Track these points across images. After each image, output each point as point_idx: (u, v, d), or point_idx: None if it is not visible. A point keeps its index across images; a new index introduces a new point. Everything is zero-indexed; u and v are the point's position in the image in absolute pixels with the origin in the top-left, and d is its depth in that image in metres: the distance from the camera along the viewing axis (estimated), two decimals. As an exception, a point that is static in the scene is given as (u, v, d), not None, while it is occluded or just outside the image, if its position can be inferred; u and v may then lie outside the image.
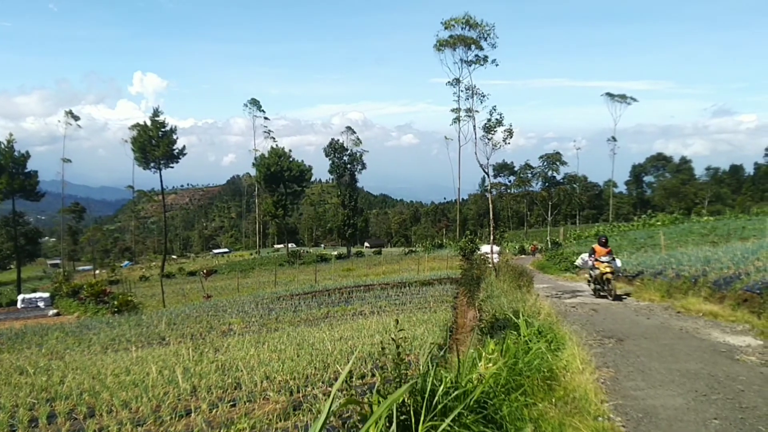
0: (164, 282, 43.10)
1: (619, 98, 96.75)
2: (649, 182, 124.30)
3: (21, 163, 56.39)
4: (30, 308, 36.05)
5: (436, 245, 78.74)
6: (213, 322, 17.13)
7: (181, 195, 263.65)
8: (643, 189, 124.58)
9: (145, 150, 67.87)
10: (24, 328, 20.20)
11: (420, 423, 3.99)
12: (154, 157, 67.96)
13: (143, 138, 68.07)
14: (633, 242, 39.12)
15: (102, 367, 10.17)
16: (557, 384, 6.37)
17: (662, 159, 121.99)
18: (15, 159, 55.81)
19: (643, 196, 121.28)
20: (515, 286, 15.21)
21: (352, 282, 31.28)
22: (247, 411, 6.46)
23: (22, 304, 37.21)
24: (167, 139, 68.28)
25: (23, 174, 56.36)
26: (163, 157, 68.31)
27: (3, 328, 21.22)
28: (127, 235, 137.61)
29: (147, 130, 68.29)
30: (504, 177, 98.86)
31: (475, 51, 24.91)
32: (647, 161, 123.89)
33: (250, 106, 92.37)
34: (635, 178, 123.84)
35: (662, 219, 58.90)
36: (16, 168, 55.81)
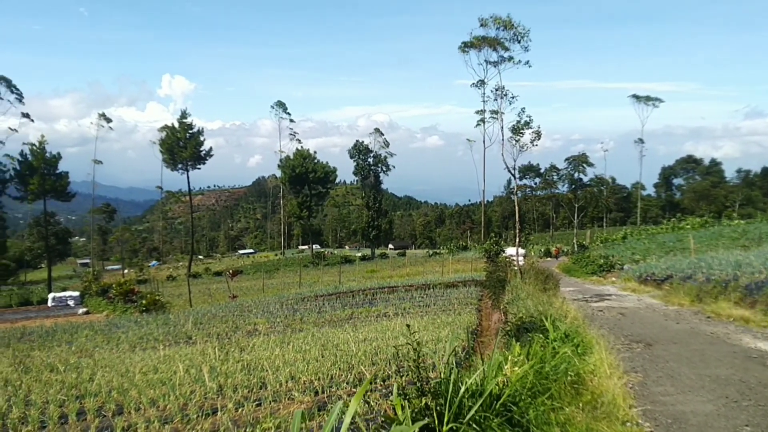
0: (191, 282, 43.60)
1: (645, 100, 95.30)
2: (679, 185, 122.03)
3: (52, 164, 57.49)
4: (60, 307, 36.73)
5: (460, 247, 78.40)
6: (238, 322, 17.28)
7: (208, 196, 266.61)
8: (672, 192, 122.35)
9: (173, 151, 68.79)
10: (54, 326, 20.58)
11: (444, 425, 3.97)
12: (182, 158, 68.83)
13: (171, 140, 69.00)
14: (662, 246, 38.45)
15: (130, 365, 10.32)
16: (584, 388, 6.29)
17: (692, 161, 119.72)
18: (47, 160, 56.93)
19: (672, 199, 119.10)
20: (541, 289, 15.07)
21: (376, 283, 31.29)
22: (272, 410, 6.50)
23: (53, 303, 37.93)
24: (194, 140, 69.10)
25: (54, 175, 57.42)
26: (191, 159, 69.14)
27: (34, 326, 21.65)
28: (155, 235, 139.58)
29: (175, 131, 69.20)
30: (530, 179, 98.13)
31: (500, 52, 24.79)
32: (676, 163, 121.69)
33: (276, 108, 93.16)
34: (664, 180, 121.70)
35: (692, 222, 57.75)
36: (48, 169, 56.92)
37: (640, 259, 31.82)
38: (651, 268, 24.48)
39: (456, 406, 4.08)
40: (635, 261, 31.81)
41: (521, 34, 23.10)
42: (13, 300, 42.99)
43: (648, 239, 48.72)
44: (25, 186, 55.71)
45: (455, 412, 4.04)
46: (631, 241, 50.70)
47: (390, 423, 3.94)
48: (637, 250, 39.12)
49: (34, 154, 56.57)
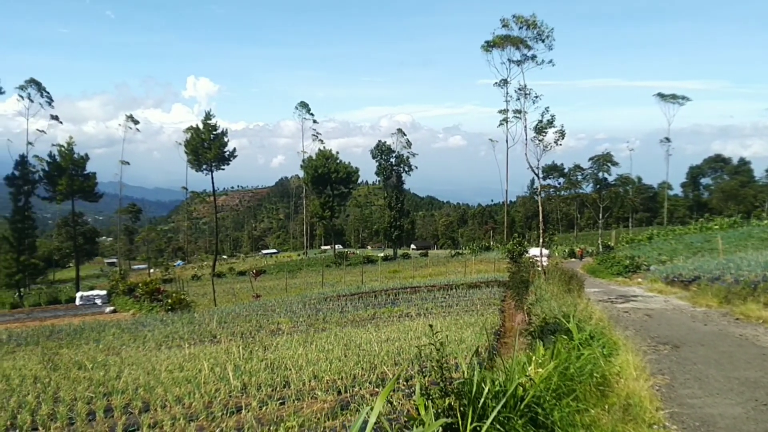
0: (215, 281, 44.05)
1: (671, 98, 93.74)
2: (706, 184, 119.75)
3: (80, 165, 58.52)
4: (88, 305, 37.32)
5: (482, 248, 77.99)
6: (262, 322, 17.41)
7: (232, 196, 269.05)
8: (699, 191, 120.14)
9: (198, 152, 69.56)
10: (82, 325, 20.92)
11: (467, 425, 3.95)
12: (206, 159, 69.58)
13: (196, 141, 69.81)
14: (689, 246, 37.82)
15: (156, 363, 10.46)
16: (610, 390, 6.22)
17: (720, 160, 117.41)
18: (75, 161, 57.96)
19: (700, 199, 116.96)
20: (565, 290, 14.94)
21: (399, 284, 31.29)
22: (296, 409, 6.54)
23: (81, 302, 38.57)
24: (218, 141, 69.80)
25: (82, 176, 58.42)
26: (215, 160, 69.84)
27: (63, 324, 22.05)
28: (180, 235, 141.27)
29: (199, 133, 69.99)
30: (553, 179, 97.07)
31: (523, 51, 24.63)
32: (704, 163, 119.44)
33: (299, 108, 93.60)
34: (692, 180, 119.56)
35: (720, 222, 56.67)
36: (76, 170, 57.94)
37: (666, 260, 31.37)
38: (678, 269, 24.12)
39: (479, 407, 4.06)
40: (662, 262, 31.37)
41: (544, 33, 22.95)
42: (42, 299, 43.84)
43: (675, 240, 47.97)
44: (53, 187, 56.81)
45: (479, 413, 4.02)
46: (658, 242, 49.98)
47: (413, 423, 3.93)
48: (663, 250, 38.56)
49: (62, 155, 57.65)
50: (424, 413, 3.79)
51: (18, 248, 53.97)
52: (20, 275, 54.52)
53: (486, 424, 3.79)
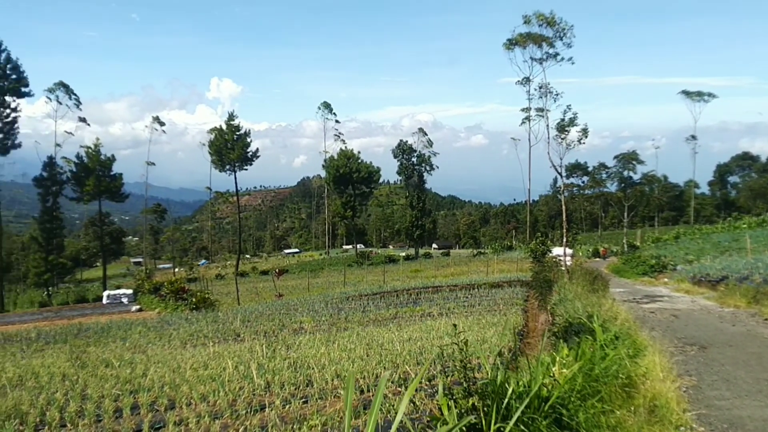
0: (238, 280, 44.46)
1: (696, 96, 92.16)
2: (734, 182, 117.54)
3: (107, 166, 59.49)
4: (114, 304, 37.90)
5: (505, 247, 77.51)
6: (285, 321, 17.51)
7: (254, 196, 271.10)
8: (727, 190, 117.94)
9: (221, 153, 70.13)
10: (109, 323, 21.25)
11: (491, 425, 3.93)
12: (230, 159, 70.09)
13: (219, 141, 70.40)
14: (716, 246, 37.14)
15: (181, 361, 10.58)
16: (636, 392, 6.15)
17: (748, 158, 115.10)
18: (101, 162, 58.93)
19: (728, 197, 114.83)
20: (589, 290, 14.78)
21: (420, 283, 31.25)
22: (318, 408, 6.57)
23: (107, 300, 39.18)
24: (242, 142, 70.31)
25: (109, 176, 59.38)
26: (238, 160, 70.30)
27: (90, 323, 22.42)
28: (204, 234, 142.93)
29: (223, 133, 70.55)
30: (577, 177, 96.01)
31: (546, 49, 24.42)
32: (732, 160, 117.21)
33: (322, 108, 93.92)
34: (719, 178, 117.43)
35: (748, 221, 55.61)
36: (103, 171, 58.90)
37: (693, 260, 30.87)
38: (705, 269, 23.74)
39: (503, 407, 4.04)
40: (689, 261, 30.88)
41: (563, 30, 22.74)
42: (70, 297, 44.65)
43: (702, 239, 47.18)
44: (81, 187, 57.82)
45: (503, 414, 4.00)
46: (684, 241, 49.20)
47: (436, 422, 3.93)
48: (690, 250, 37.95)
49: (89, 156, 58.65)
50: (447, 413, 3.78)
51: (46, 248, 55.06)
52: (49, 274, 55.59)
53: (510, 425, 3.77)
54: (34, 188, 55.88)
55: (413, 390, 2.86)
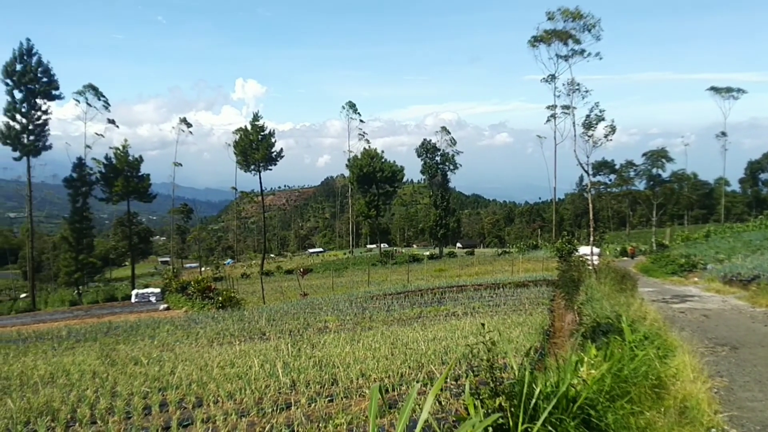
0: (263, 280, 44.80)
1: (726, 92, 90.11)
2: (766, 180, 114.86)
3: (135, 166, 60.40)
4: (143, 302, 38.50)
5: (530, 246, 76.86)
6: (309, 320, 17.58)
7: (279, 196, 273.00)
8: (758, 187, 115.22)
9: (246, 153, 70.96)
10: (138, 321, 21.58)
11: (518, 426, 3.89)
12: (254, 159, 70.88)
13: (244, 142, 71.23)
14: (748, 244, 36.32)
15: (208, 359, 10.69)
16: (666, 393, 6.04)
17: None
18: (130, 163, 59.86)
19: (759, 195, 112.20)
20: (617, 290, 14.58)
21: (445, 282, 31.15)
22: (344, 407, 6.57)
23: (136, 299, 39.83)
24: (266, 142, 71.03)
25: (137, 177, 60.28)
26: (263, 160, 71.09)
27: (119, 321, 22.81)
28: (230, 234, 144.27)
29: (248, 134, 71.37)
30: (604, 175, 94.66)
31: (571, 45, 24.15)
32: (763, 157, 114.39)
33: (346, 108, 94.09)
34: (750, 175, 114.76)
35: (781, 219, 54.29)
36: (131, 171, 59.81)
37: (724, 259, 30.27)
38: (736, 268, 23.26)
39: (531, 408, 4.00)
40: (719, 260, 30.29)
41: (591, 23, 22.46)
42: (100, 296, 45.50)
43: (733, 237, 46.18)
44: (110, 188, 58.81)
45: (530, 414, 3.96)
46: (715, 240, 48.22)
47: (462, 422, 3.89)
48: (721, 249, 37.17)
49: (118, 157, 59.61)
50: (474, 413, 3.75)
51: (77, 248, 56.09)
52: (79, 273, 56.63)
53: (537, 425, 3.73)
54: (64, 189, 56.94)
55: (438, 389, 2.84)
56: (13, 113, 50.04)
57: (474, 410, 3.87)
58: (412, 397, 2.82)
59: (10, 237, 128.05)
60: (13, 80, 49.90)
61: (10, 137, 50.10)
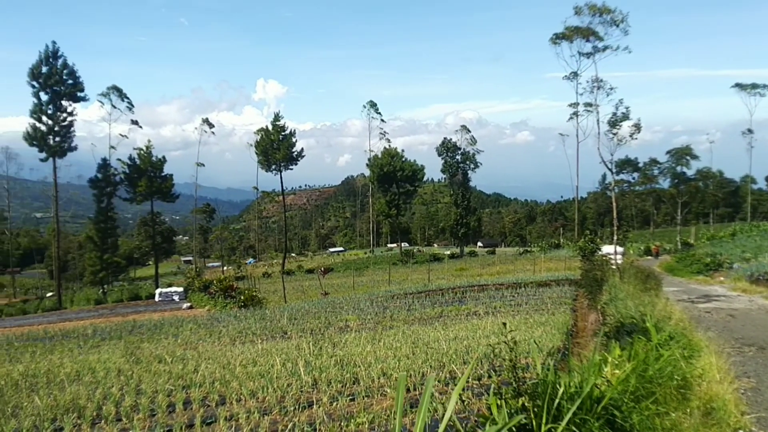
0: (285, 279, 45.05)
1: (751, 88, 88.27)
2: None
3: (158, 167, 61.17)
4: (166, 301, 38.96)
5: (552, 245, 76.20)
6: (331, 319, 17.64)
7: (299, 195, 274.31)
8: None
9: (267, 153, 71.40)
10: (161, 320, 21.84)
11: (541, 426, 3.86)
12: (275, 159, 71.29)
13: (265, 142, 71.68)
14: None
15: (231, 357, 10.78)
16: (692, 393, 5.95)
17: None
18: (153, 163, 60.63)
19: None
20: (642, 289, 14.39)
21: (466, 282, 31.03)
22: (365, 406, 6.58)
23: (160, 298, 40.32)
24: (287, 142, 71.37)
25: (160, 177, 61.03)
26: (283, 160, 71.46)
27: (143, 320, 23.11)
28: (251, 233, 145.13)
29: (269, 134, 71.79)
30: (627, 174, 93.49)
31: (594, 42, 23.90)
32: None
33: (368, 107, 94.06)
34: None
35: (810, 217, 53.12)
36: (154, 172, 60.59)
37: (751, 258, 29.72)
38: (763, 267, 22.85)
39: (554, 408, 3.96)
40: (746, 259, 29.75)
41: (619, 18, 22.19)
42: (124, 295, 46.17)
43: (760, 236, 45.30)
44: (133, 188, 59.64)
45: (553, 414, 3.92)
46: (741, 239, 47.34)
47: (485, 422, 3.88)
48: (747, 247, 36.49)
49: (141, 158, 60.41)
50: (497, 413, 3.73)
51: (102, 247, 56.94)
52: (104, 273, 57.48)
53: (561, 425, 3.69)
54: (89, 189, 57.80)
55: (461, 388, 2.83)
56: (39, 115, 50.97)
57: (497, 410, 3.85)
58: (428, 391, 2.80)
59: (37, 237, 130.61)
60: (39, 82, 50.82)
61: (37, 139, 51.05)
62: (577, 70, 26.42)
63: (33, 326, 25.10)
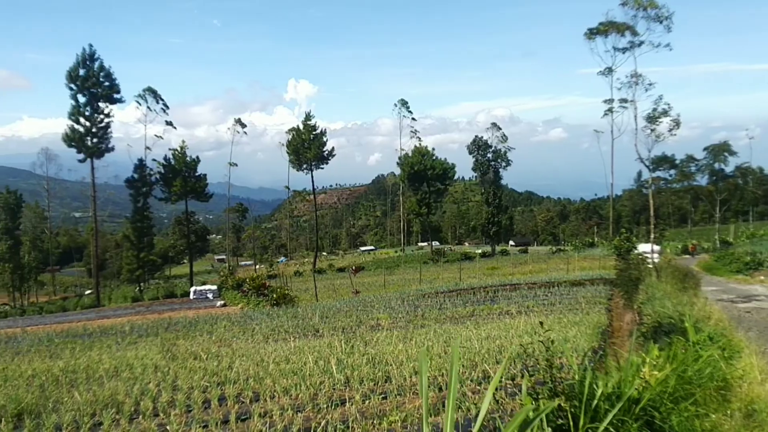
0: (316, 277, 45.34)
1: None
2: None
3: (192, 167, 62.22)
4: (201, 299, 39.52)
5: (586, 244, 75.04)
6: (362, 317, 17.68)
7: (330, 194, 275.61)
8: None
9: (299, 152, 72.01)
10: (196, 317, 22.17)
11: (579, 428, 3.80)
12: (306, 158, 71.87)
13: (297, 141, 72.29)
14: (820, 241, 34.46)
15: (264, 355, 10.89)
16: (732, 395, 5.79)
17: None
18: (187, 163, 61.71)
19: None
20: (679, 289, 14.07)
21: (498, 281, 30.77)
22: (397, 404, 6.58)
23: (194, 296, 40.94)
24: (318, 141, 71.86)
25: (194, 177, 62.07)
26: (314, 159, 72.00)
27: (179, 317, 23.49)
28: (283, 232, 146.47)
29: (300, 133, 72.39)
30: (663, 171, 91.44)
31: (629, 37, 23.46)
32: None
33: (399, 106, 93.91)
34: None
35: None
36: (188, 172, 61.65)
37: (793, 256, 28.82)
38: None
39: (591, 409, 3.90)
40: (788, 258, 28.86)
41: (664, 15, 21.73)
42: (160, 293, 47.06)
43: (803, 234, 43.88)
44: (168, 188, 60.76)
45: (590, 415, 3.86)
46: (783, 237, 45.95)
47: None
48: (789, 246, 35.40)
49: (176, 158, 61.51)
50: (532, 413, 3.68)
51: (138, 246, 58.14)
52: (140, 271, 58.70)
53: (602, 426, 3.63)
54: (126, 189, 59.08)
55: (496, 384, 2.80)
56: (77, 117, 52.26)
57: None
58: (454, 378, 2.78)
59: (76, 236, 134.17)
60: (77, 85, 52.09)
61: (75, 140, 52.35)
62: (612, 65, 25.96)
63: (72, 323, 25.74)
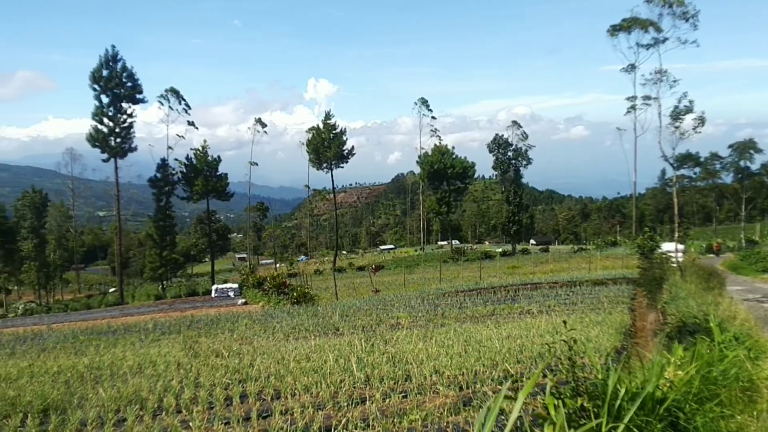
0: (336, 276, 45.46)
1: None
2: None
3: (213, 166, 62.79)
4: (222, 297, 39.91)
5: (608, 243, 74.25)
6: (382, 316, 17.69)
7: (350, 193, 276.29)
8: None
9: (318, 152, 72.29)
10: (218, 315, 22.36)
11: (602, 428, 3.76)
12: (326, 158, 72.12)
13: (316, 140, 72.57)
14: None
15: (285, 353, 10.94)
16: (759, 396, 5.69)
17: None
18: (209, 163, 62.29)
19: None
20: (704, 288, 13.86)
21: (518, 280, 30.59)
22: (418, 403, 6.58)
23: (215, 294, 41.36)
24: (337, 140, 72.06)
25: (216, 176, 62.62)
26: (334, 158, 72.22)
27: (200, 315, 23.72)
28: (303, 231, 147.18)
29: (320, 132, 72.65)
30: (688, 168, 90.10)
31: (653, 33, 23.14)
32: None
33: (419, 105, 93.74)
34: None
35: None
36: (210, 171, 62.22)
37: (822, 256, 28.21)
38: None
39: (615, 410, 3.86)
40: (817, 258, 28.26)
41: (691, 13, 21.42)
42: (182, 291, 47.61)
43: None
44: (190, 187, 61.39)
45: (614, 416, 3.82)
46: (811, 236, 44.98)
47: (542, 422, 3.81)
48: (818, 245, 34.64)
49: (198, 158, 62.12)
50: (555, 413, 3.66)
51: (161, 244, 58.88)
52: (163, 269, 59.40)
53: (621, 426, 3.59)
54: (148, 189, 59.86)
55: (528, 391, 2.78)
56: (100, 117, 53.02)
57: (554, 410, 3.78)
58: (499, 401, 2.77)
59: (100, 234, 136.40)
60: (100, 85, 52.84)
61: (99, 140, 53.13)
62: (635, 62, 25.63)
63: (97, 320, 26.14)
